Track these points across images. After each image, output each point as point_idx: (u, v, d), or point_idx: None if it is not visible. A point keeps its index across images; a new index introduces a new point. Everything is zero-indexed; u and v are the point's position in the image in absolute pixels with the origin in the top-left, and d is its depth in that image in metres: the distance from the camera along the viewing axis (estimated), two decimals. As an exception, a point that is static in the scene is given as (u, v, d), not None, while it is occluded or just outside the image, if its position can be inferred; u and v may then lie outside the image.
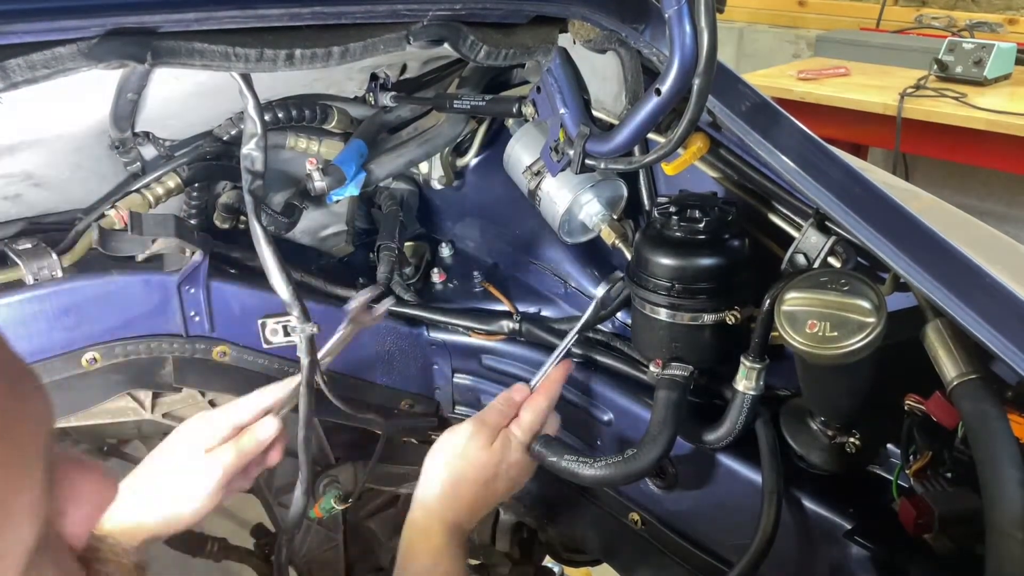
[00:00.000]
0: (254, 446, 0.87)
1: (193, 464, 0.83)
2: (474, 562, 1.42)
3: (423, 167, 1.23)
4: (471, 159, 1.22)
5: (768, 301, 0.78)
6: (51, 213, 1.03)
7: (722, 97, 0.75)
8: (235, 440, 0.87)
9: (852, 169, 0.72)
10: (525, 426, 0.92)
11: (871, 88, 2.75)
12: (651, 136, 0.87)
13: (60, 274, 0.97)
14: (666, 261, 0.87)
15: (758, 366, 0.83)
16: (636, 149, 0.88)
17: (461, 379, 1.17)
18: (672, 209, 0.88)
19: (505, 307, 1.13)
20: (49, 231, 1.01)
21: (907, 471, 0.77)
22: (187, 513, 0.83)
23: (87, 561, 0.41)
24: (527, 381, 0.97)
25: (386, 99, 1.11)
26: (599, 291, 1.00)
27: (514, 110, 0.96)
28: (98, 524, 0.40)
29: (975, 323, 0.64)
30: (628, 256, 0.97)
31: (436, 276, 1.20)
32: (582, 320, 0.99)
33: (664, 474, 0.94)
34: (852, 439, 0.81)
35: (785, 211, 0.87)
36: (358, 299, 0.95)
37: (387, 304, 1.00)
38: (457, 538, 0.86)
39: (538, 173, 1.08)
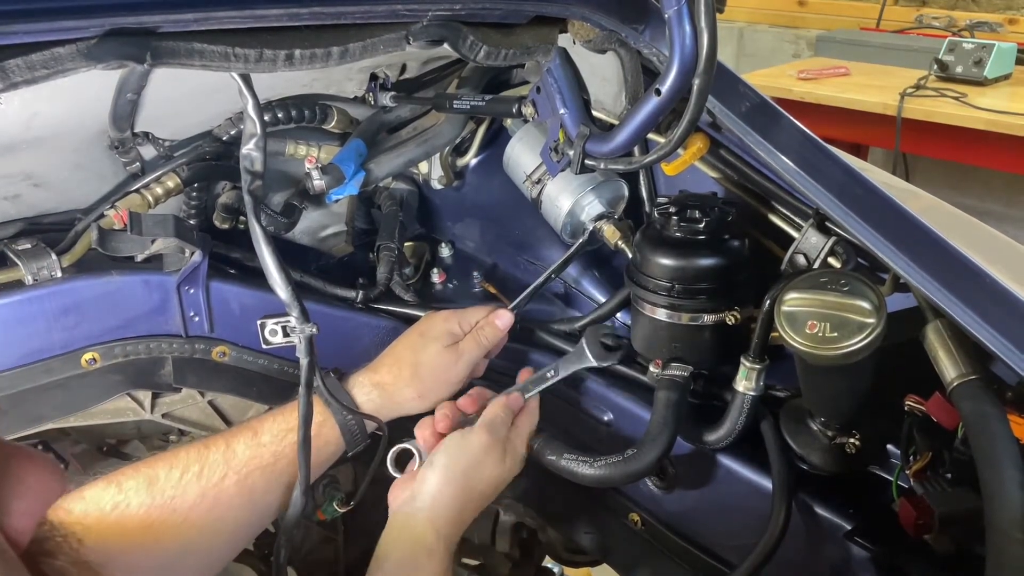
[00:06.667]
0: (492, 334, 0.99)
1: (444, 358, 0.95)
2: (474, 562, 1.42)
3: (423, 167, 1.23)
4: (471, 159, 1.22)
5: (768, 301, 0.78)
6: (51, 213, 1.03)
7: (722, 97, 0.75)
8: (474, 333, 0.98)
9: (852, 169, 0.72)
10: (523, 435, 0.92)
11: (871, 88, 2.75)
12: (651, 136, 0.87)
13: (60, 274, 0.97)
14: (666, 261, 0.87)
15: (758, 366, 0.83)
16: (636, 149, 0.87)
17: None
18: (672, 209, 0.88)
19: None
20: (49, 231, 1.01)
21: (907, 471, 0.76)
22: (442, 396, 0.95)
23: (32, 556, 0.40)
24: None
25: (386, 99, 1.11)
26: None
27: (514, 110, 0.96)
28: (43, 517, 0.41)
29: (975, 323, 0.64)
30: (631, 256, 0.97)
31: (436, 276, 1.20)
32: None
33: (664, 474, 0.94)
34: (852, 440, 0.81)
35: (785, 211, 0.87)
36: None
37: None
38: (450, 549, 0.84)
39: (539, 181, 1.08)
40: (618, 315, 1.05)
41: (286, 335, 1.06)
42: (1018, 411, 0.66)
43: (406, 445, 0.91)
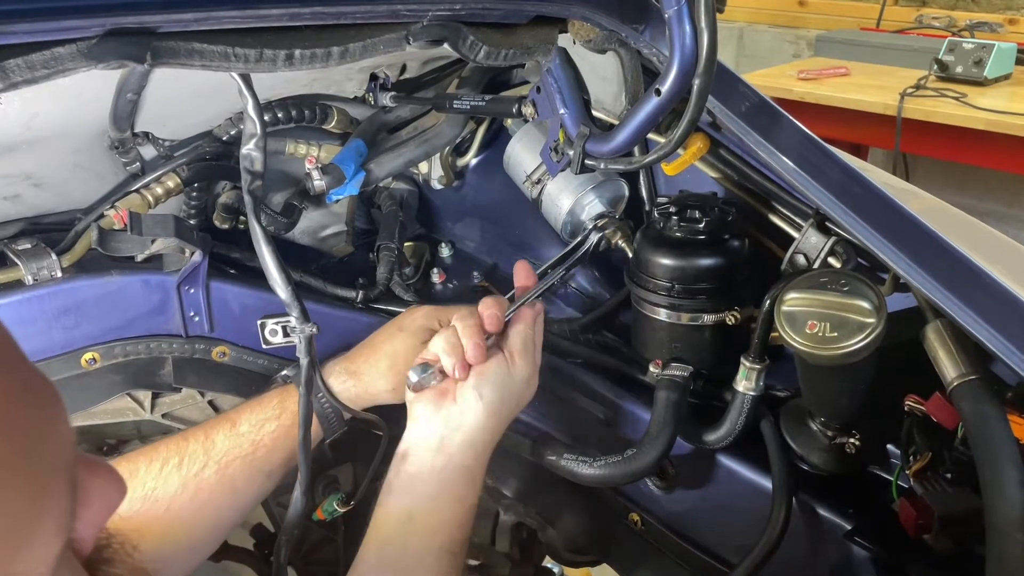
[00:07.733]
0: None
1: (419, 353, 0.89)
2: (474, 562, 1.42)
3: (423, 167, 1.23)
4: (471, 159, 1.22)
5: (768, 301, 0.78)
6: (51, 213, 1.03)
7: (722, 97, 0.75)
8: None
9: (852, 169, 0.72)
10: (540, 344, 0.90)
11: (871, 88, 2.75)
12: (651, 136, 0.87)
13: (59, 274, 0.97)
14: (666, 261, 0.87)
15: (758, 366, 0.83)
16: (636, 149, 0.87)
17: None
18: (672, 209, 0.88)
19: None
20: (49, 231, 1.01)
21: (907, 472, 0.76)
22: None
23: (93, 563, 0.40)
24: None
25: (386, 99, 1.11)
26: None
27: (514, 110, 0.96)
28: (104, 525, 0.39)
29: (975, 323, 0.64)
30: (631, 255, 0.97)
31: (436, 276, 1.19)
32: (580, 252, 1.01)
33: (664, 474, 0.94)
34: (852, 440, 0.81)
35: (785, 211, 0.87)
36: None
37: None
38: (484, 468, 0.84)
39: (539, 181, 1.08)
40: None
41: (286, 335, 1.06)
42: (1018, 411, 0.66)
43: (425, 375, 0.84)
